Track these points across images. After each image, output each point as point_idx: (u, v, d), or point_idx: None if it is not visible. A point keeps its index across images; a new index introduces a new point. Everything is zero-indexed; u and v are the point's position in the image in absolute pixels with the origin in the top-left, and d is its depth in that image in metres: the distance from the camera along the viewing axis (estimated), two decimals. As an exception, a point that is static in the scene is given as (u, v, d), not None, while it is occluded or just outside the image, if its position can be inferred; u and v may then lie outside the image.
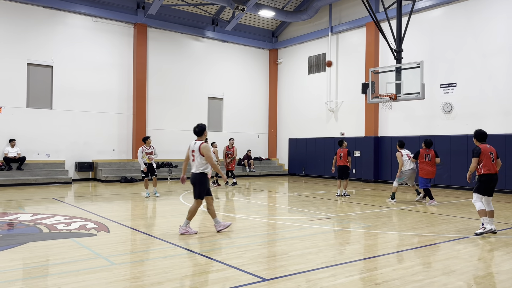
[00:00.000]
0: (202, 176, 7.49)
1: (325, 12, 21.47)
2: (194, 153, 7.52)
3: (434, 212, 10.18)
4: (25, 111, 17.14)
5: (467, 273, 5.18)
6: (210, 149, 7.53)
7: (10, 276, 4.98)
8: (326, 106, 21.38)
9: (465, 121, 15.88)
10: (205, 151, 7.40)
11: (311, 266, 5.44)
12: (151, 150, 12.88)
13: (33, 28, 17.33)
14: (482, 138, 7.85)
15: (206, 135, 7.73)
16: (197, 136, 7.65)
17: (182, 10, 21.05)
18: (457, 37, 16.23)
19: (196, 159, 7.47)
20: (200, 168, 7.44)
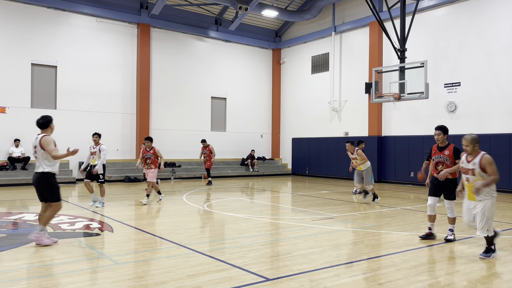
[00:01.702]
0: (48, 177, 6.44)
1: (329, 11, 21.44)
2: (36, 149, 6.50)
3: (438, 213, 10.14)
4: (29, 111, 17.20)
5: (471, 273, 5.16)
6: (51, 142, 6.46)
7: (15, 275, 5.01)
8: (330, 105, 21.35)
9: (470, 120, 15.82)
10: (45, 144, 6.35)
11: (314, 266, 5.44)
12: (95, 150, 11.20)
13: (37, 28, 17.40)
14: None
15: (52, 128, 6.81)
16: (40, 129, 6.69)
17: (186, 10, 21.08)
18: (461, 36, 16.17)
19: (38, 157, 6.44)
20: (45, 168, 6.41)
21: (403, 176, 17.93)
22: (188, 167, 20.64)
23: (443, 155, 6.81)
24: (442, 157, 6.82)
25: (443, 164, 6.80)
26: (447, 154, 6.77)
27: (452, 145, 6.79)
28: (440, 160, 6.84)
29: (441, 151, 6.84)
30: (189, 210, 10.29)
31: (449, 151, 6.76)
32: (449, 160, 6.75)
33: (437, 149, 6.89)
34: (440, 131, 6.84)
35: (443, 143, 6.86)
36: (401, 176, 18.04)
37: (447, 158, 6.78)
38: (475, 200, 5.82)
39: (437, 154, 6.89)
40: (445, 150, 6.80)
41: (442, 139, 6.84)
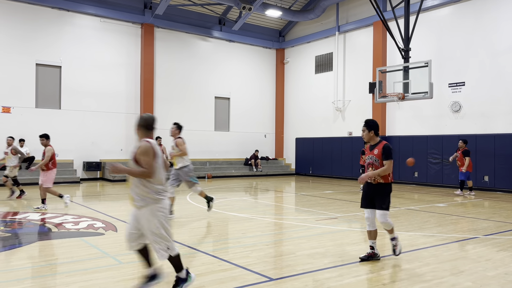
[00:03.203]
0: None
1: (332, 11, 21.41)
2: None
3: (442, 212, 10.12)
4: (34, 111, 17.28)
5: (476, 274, 5.14)
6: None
7: (19, 274, 5.03)
8: (333, 105, 21.32)
9: (474, 120, 15.75)
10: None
11: (318, 266, 5.43)
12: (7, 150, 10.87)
13: (41, 28, 17.47)
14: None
15: None
16: None
17: (189, 10, 21.10)
18: (466, 36, 16.10)
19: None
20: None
21: (407, 176, 17.87)
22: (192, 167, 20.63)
23: (373, 155, 5.72)
24: (372, 158, 5.73)
25: (373, 166, 5.68)
26: (376, 153, 5.68)
27: (383, 143, 5.70)
28: (370, 162, 5.75)
29: (371, 150, 5.77)
30: (193, 210, 10.30)
31: (378, 150, 5.67)
32: (378, 161, 5.63)
33: (368, 149, 5.86)
34: (365, 127, 5.78)
35: (373, 141, 5.79)
36: (405, 176, 17.99)
37: (376, 158, 5.67)
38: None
39: (368, 154, 5.83)
40: (375, 149, 5.73)
41: (367, 136, 5.76)
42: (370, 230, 5.75)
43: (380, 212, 5.64)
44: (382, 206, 5.64)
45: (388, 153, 5.60)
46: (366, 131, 5.78)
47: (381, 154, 5.62)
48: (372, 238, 5.75)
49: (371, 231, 5.75)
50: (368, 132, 5.76)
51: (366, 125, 5.81)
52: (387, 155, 5.59)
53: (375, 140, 5.79)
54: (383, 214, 5.63)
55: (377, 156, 5.65)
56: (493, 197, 13.37)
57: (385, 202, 5.65)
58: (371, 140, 5.79)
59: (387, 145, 5.67)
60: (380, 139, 5.81)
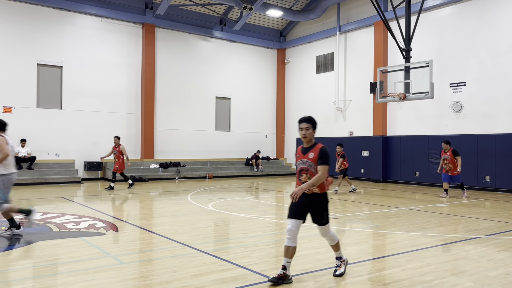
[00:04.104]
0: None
1: (333, 11, 21.40)
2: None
3: (444, 213, 10.11)
4: (35, 111, 17.30)
5: (477, 274, 5.13)
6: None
7: (21, 274, 5.04)
8: (334, 105, 21.32)
9: (475, 120, 15.74)
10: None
11: (319, 266, 5.43)
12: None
13: (42, 28, 17.49)
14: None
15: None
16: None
17: (190, 10, 21.11)
18: (467, 36, 16.09)
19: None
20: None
21: (408, 176, 17.86)
22: (193, 167, 20.68)
23: (307, 159, 4.82)
24: (306, 162, 4.83)
25: (307, 172, 4.82)
26: (311, 158, 4.79)
27: (319, 146, 4.85)
28: (304, 167, 4.86)
29: (305, 154, 4.87)
30: (194, 210, 10.31)
31: (314, 153, 4.79)
32: (314, 166, 4.78)
33: (301, 152, 4.94)
34: (309, 124, 4.85)
35: (309, 143, 4.89)
36: (406, 176, 17.98)
37: (311, 163, 4.79)
38: None
39: (300, 158, 4.91)
40: (310, 152, 4.83)
41: (311, 136, 4.88)
42: (289, 246, 4.76)
43: (321, 228, 4.97)
44: (321, 222, 4.89)
45: (326, 158, 4.77)
46: (310, 129, 4.86)
47: (317, 158, 4.76)
48: (289, 256, 4.76)
49: (289, 248, 4.76)
50: (312, 131, 4.88)
51: (309, 122, 4.87)
52: (324, 159, 4.76)
53: (312, 142, 4.91)
54: (324, 228, 4.96)
55: (312, 161, 4.78)
56: (494, 197, 13.35)
57: (324, 217, 4.90)
58: (309, 141, 4.91)
59: (325, 148, 4.83)
60: (315, 141, 4.93)
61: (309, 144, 4.90)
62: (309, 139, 4.87)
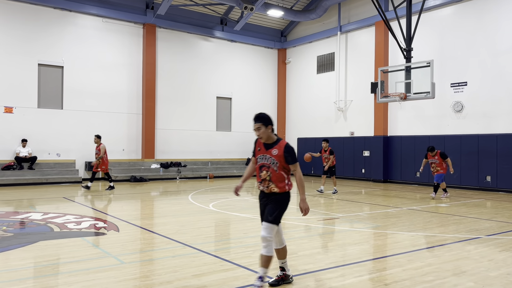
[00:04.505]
0: None
1: (334, 11, 21.39)
2: None
3: (445, 213, 10.10)
4: (36, 111, 17.32)
5: (478, 274, 5.12)
6: None
7: (22, 274, 5.04)
8: (335, 105, 21.31)
9: (476, 120, 15.72)
10: None
11: (320, 266, 5.43)
12: None
13: (43, 29, 17.51)
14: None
15: None
16: None
17: (191, 10, 21.12)
18: (468, 36, 16.07)
19: None
20: None
21: (409, 176, 17.85)
22: (194, 167, 20.68)
23: (270, 155, 4.54)
24: (268, 159, 4.55)
25: (268, 169, 4.55)
26: (275, 154, 4.51)
27: (284, 142, 4.59)
28: (265, 163, 4.57)
29: (268, 150, 4.58)
30: (195, 210, 10.31)
31: (279, 150, 4.51)
32: (277, 164, 4.49)
33: (263, 146, 4.63)
34: (260, 123, 4.51)
35: (270, 139, 4.59)
36: (407, 176, 17.97)
37: (274, 161, 4.51)
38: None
39: (262, 153, 4.62)
40: (273, 149, 4.55)
41: (265, 134, 4.54)
42: (277, 248, 4.69)
43: (264, 225, 4.46)
44: (268, 217, 4.48)
45: (294, 155, 4.54)
46: (262, 128, 4.50)
47: (283, 156, 4.48)
48: (281, 257, 4.71)
49: (278, 249, 4.70)
50: (266, 129, 4.52)
51: (260, 120, 4.51)
52: (293, 157, 4.53)
53: (273, 138, 4.60)
54: (267, 227, 4.43)
55: (276, 158, 4.49)
56: (496, 197, 13.34)
57: (274, 212, 4.49)
58: (269, 137, 4.57)
59: (290, 145, 4.59)
60: (278, 137, 4.66)
61: (272, 141, 4.59)
62: (266, 137, 4.55)
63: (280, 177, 4.52)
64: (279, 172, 4.51)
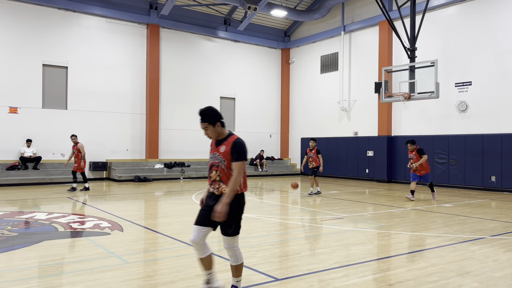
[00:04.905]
0: None
1: (338, 11, 21.36)
2: None
3: (449, 213, 10.07)
4: (40, 111, 17.39)
5: (483, 274, 5.10)
6: None
7: (26, 274, 5.06)
8: (339, 105, 21.28)
9: (481, 120, 15.65)
10: None
11: (323, 266, 5.42)
12: None
13: (48, 29, 17.58)
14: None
15: None
16: None
17: (195, 10, 21.14)
18: (472, 35, 16.01)
19: None
20: None
21: (413, 176, 17.76)
22: (197, 167, 20.70)
23: (218, 152, 4.08)
24: (217, 157, 4.09)
25: (217, 169, 4.08)
26: (222, 151, 4.05)
27: (233, 137, 4.09)
28: (214, 162, 4.11)
29: (217, 147, 4.13)
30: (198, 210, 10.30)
31: (227, 146, 4.04)
32: (225, 162, 4.03)
33: (214, 144, 4.21)
34: (205, 123, 4.08)
35: (220, 136, 4.13)
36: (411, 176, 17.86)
37: (222, 159, 4.05)
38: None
39: (212, 152, 4.19)
40: (222, 146, 4.08)
41: (214, 133, 4.10)
42: (201, 258, 4.18)
43: (226, 239, 4.11)
44: (227, 230, 4.06)
45: (241, 152, 3.98)
46: (209, 128, 4.07)
47: (229, 152, 3.99)
48: (207, 267, 4.19)
49: (203, 259, 4.18)
50: (214, 128, 4.07)
51: (206, 119, 4.06)
52: (239, 154, 3.97)
53: (223, 134, 4.14)
54: (230, 240, 4.09)
55: (223, 155, 4.03)
56: (500, 198, 13.27)
57: (232, 224, 4.04)
58: (219, 135, 4.14)
59: (240, 141, 4.04)
60: (229, 132, 4.18)
61: (222, 137, 4.13)
62: (216, 135, 4.12)
63: (230, 176, 4.00)
64: (228, 171, 4.01)
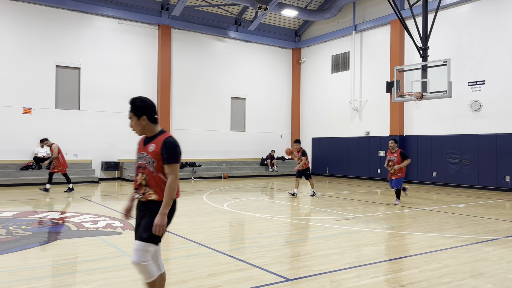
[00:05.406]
0: None
1: (349, 10, 21.25)
2: None
3: (462, 213, 9.95)
4: (54, 112, 17.61)
5: (497, 276, 5.03)
6: None
7: (40, 272, 5.13)
8: (350, 105, 21.17)
9: (495, 119, 15.44)
10: None
11: (335, 266, 5.40)
12: None
13: (61, 31, 17.79)
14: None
15: None
16: None
17: (205, 11, 21.21)
18: (486, 34, 15.80)
19: None
20: None
21: (426, 176, 17.62)
22: (208, 167, 20.77)
23: (146, 152, 3.58)
24: (145, 157, 3.58)
25: (144, 171, 3.56)
26: (151, 150, 3.55)
27: (165, 136, 3.57)
28: (142, 164, 3.60)
29: (146, 145, 3.62)
30: (209, 210, 10.35)
31: (156, 145, 3.54)
32: (154, 163, 3.52)
33: (142, 142, 3.70)
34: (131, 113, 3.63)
35: (149, 131, 3.63)
36: (423, 177, 17.74)
37: (151, 159, 3.54)
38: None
39: (140, 151, 3.68)
40: (151, 144, 3.58)
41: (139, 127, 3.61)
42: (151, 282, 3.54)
43: (136, 245, 3.44)
44: (142, 234, 3.44)
45: (173, 153, 3.48)
46: (134, 119, 3.58)
47: (159, 153, 3.50)
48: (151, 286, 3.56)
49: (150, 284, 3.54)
50: (138, 121, 3.57)
51: (132, 108, 3.60)
52: (172, 156, 3.48)
53: (153, 131, 3.62)
54: (140, 248, 3.42)
55: (152, 155, 3.52)
56: (515, 198, 13.08)
57: (148, 228, 3.43)
58: (145, 130, 3.62)
59: (171, 139, 3.52)
60: (161, 129, 3.67)
61: (152, 134, 3.63)
62: (141, 131, 3.62)
63: (158, 180, 3.50)
64: (156, 174, 3.50)
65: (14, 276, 4.96)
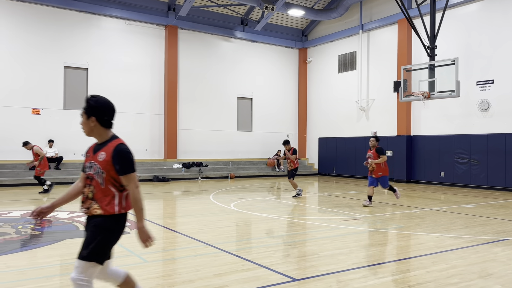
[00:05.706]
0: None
1: (356, 9, 21.18)
2: None
3: (470, 214, 9.88)
4: (62, 112, 17.74)
5: (505, 277, 4.99)
6: None
7: (48, 271, 5.17)
8: (357, 105, 21.09)
9: (504, 119, 15.31)
10: None
11: (342, 267, 5.38)
12: None
13: (69, 32, 17.92)
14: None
15: None
16: None
17: (212, 11, 21.25)
18: (494, 33, 15.67)
19: None
20: None
21: (433, 176, 17.52)
22: (215, 167, 20.81)
23: (96, 161, 3.20)
24: (93, 167, 3.20)
25: (91, 182, 3.20)
26: (100, 160, 3.18)
27: (116, 142, 3.22)
28: (90, 174, 3.22)
29: (95, 153, 3.25)
30: (216, 210, 10.37)
31: (106, 153, 3.17)
32: (103, 173, 3.16)
33: (92, 150, 3.32)
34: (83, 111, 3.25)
35: (99, 136, 3.28)
36: (431, 177, 17.63)
37: (99, 169, 3.17)
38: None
39: (89, 160, 3.27)
40: (100, 152, 3.20)
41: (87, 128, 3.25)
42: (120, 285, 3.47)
43: (76, 263, 3.10)
44: (81, 252, 3.11)
45: (127, 162, 3.16)
46: (83, 117, 3.22)
47: (110, 162, 3.14)
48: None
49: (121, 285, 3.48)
50: (86, 121, 3.21)
51: (85, 106, 3.21)
52: (124, 165, 3.14)
53: (103, 136, 3.26)
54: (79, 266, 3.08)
55: (102, 165, 3.15)
56: (524, 198, 12.96)
57: (90, 244, 3.09)
58: (93, 133, 3.25)
59: (123, 147, 3.20)
60: (113, 134, 3.31)
61: (102, 140, 3.26)
62: (89, 131, 3.25)
63: (106, 193, 3.15)
64: (105, 186, 3.14)
65: (23, 275, 5.00)
